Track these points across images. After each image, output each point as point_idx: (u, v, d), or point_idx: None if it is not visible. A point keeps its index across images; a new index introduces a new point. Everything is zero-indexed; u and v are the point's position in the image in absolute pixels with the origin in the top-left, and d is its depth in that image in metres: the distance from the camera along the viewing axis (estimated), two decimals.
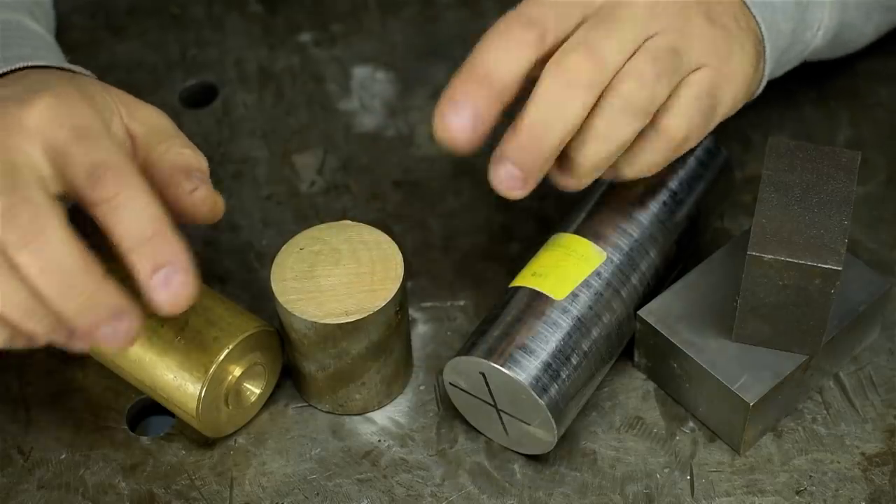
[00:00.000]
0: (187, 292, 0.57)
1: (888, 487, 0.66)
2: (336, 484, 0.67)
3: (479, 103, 0.59)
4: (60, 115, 0.58)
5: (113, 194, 0.56)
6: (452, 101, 0.59)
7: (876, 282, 0.68)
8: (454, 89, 0.60)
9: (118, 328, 0.56)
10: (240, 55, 0.88)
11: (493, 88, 0.60)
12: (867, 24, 0.77)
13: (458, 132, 0.59)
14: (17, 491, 0.67)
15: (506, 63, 0.60)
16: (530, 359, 0.64)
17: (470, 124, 0.59)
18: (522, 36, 0.60)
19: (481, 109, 0.59)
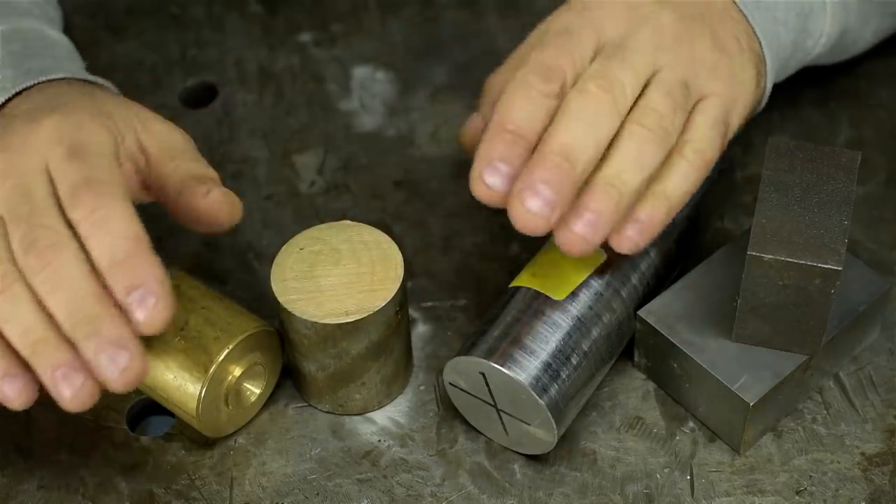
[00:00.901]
0: (162, 315, 0.57)
1: (888, 487, 0.66)
2: (336, 484, 0.67)
3: (515, 161, 0.60)
4: (62, 134, 0.59)
5: (89, 212, 0.57)
6: (489, 160, 0.60)
7: (876, 282, 0.68)
8: (489, 147, 0.60)
9: (118, 359, 0.56)
10: (240, 55, 0.88)
11: (526, 142, 0.60)
12: (865, 29, 0.77)
13: (497, 191, 0.60)
14: (17, 491, 0.67)
15: (533, 118, 0.61)
16: (530, 359, 0.64)
17: (508, 182, 0.60)
18: (545, 88, 0.61)
19: (516, 165, 0.60)
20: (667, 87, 0.62)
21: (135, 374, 0.57)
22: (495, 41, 0.87)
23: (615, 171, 0.60)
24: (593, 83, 0.61)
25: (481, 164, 0.60)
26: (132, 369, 0.57)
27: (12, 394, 0.58)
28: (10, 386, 0.58)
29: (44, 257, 0.57)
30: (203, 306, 0.67)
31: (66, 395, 0.57)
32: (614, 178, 0.60)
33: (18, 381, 0.58)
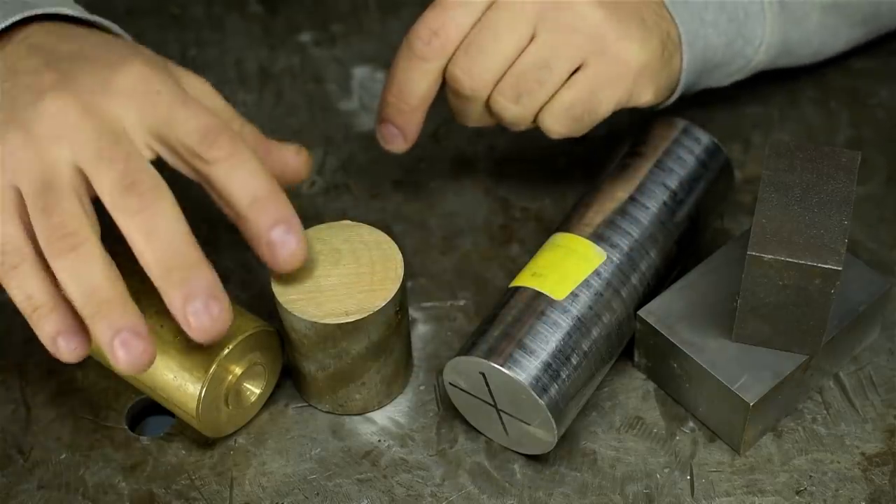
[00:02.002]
0: (301, 253, 0.59)
1: (888, 487, 0.66)
2: (336, 484, 0.67)
3: (402, 123, 0.70)
4: (154, 81, 0.59)
5: (228, 155, 0.58)
6: (385, 125, 0.71)
7: (876, 282, 0.68)
8: (382, 112, 0.70)
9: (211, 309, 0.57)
10: (240, 55, 0.88)
11: (410, 107, 0.69)
12: (835, 39, 0.78)
13: (395, 146, 0.72)
14: (17, 491, 0.67)
15: (415, 84, 0.68)
16: (530, 359, 0.64)
17: (402, 138, 0.71)
18: (425, 52, 0.67)
19: (404, 126, 0.70)
20: (518, 73, 0.67)
21: (223, 324, 0.57)
22: None
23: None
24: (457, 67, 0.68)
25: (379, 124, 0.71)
26: (222, 320, 0.57)
27: (66, 350, 0.58)
28: (66, 343, 0.58)
29: (144, 199, 0.56)
30: None
31: (122, 358, 0.57)
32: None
33: (74, 340, 0.58)
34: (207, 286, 0.57)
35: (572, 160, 0.80)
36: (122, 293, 0.57)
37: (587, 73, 0.67)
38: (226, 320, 0.58)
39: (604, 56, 0.67)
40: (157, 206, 0.57)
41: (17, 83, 0.59)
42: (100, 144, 0.57)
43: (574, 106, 0.67)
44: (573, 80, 0.67)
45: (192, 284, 0.57)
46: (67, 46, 0.61)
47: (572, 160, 0.80)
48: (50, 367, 0.72)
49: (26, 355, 0.72)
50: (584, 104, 0.67)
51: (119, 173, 0.56)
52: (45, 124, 0.57)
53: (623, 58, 0.67)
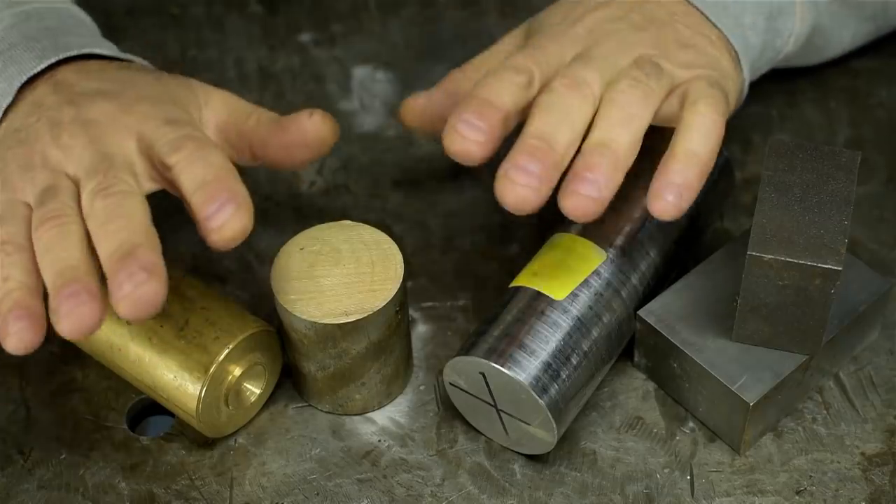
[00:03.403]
0: (239, 220, 0.59)
1: (888, 487, 0.66)
2: (336, 484, 0.67)
3: (488, 118, 0.62)
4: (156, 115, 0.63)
5: (188, 154, 0.61)
6: (463, 118, 0.62)
7: (876, 282, 0.69)
8: (462, 110, 0.62)
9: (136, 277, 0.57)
10: (240, 55, 0.88)
11: (498, 110, 0.62)
12: (843, 32, 0.78)
13: (472, 141, 0.62)
14: (17, 491, 0.67)
15: (505, 94, 0.63)
16: (530, 359, 0.64)
17: (483, 134, 0.62)
18: (516, 78, 0.64)
19: (490, 123, 0.62)
20: (636, 63, 0.65)
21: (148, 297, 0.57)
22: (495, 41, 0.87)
23: (602, 134, 0.62)
24: (558, 82, 0.63)
25: (455, 120, 0.62)
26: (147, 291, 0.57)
27: (14, 329, 0.58)
28: (15, 322, 0.58)
29: (110, 198, 0.60)
30: (203, 306, 0.67)
31: (63, 309, 0.57)
32: (603, 140, 0.62)
33: (25, 321, 0.58)
34: (142, 260, 0.57)
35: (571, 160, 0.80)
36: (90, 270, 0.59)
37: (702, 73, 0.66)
38: (152, 292, 0.57)
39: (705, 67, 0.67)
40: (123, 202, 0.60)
41: (41, 117, 0.65)
42: (91, 164, 0.62)
43: (712, 84, 0.65)
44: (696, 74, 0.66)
45: (127, 259, 0.57)
46: (90, 84, 0.66)
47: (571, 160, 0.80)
48: (50, 368, 0.72)
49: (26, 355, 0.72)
50: (719, 86, 0.66)
51: (96, 182, 0.61)
52: (57, 155, 0.63)
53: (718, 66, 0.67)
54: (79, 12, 0.74)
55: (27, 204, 0.62)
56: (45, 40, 0.68)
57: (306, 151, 0.66)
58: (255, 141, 0.66)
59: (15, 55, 0.67)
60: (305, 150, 0.66)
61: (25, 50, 0.67)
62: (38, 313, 0.59)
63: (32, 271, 0.60)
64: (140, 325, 0.66)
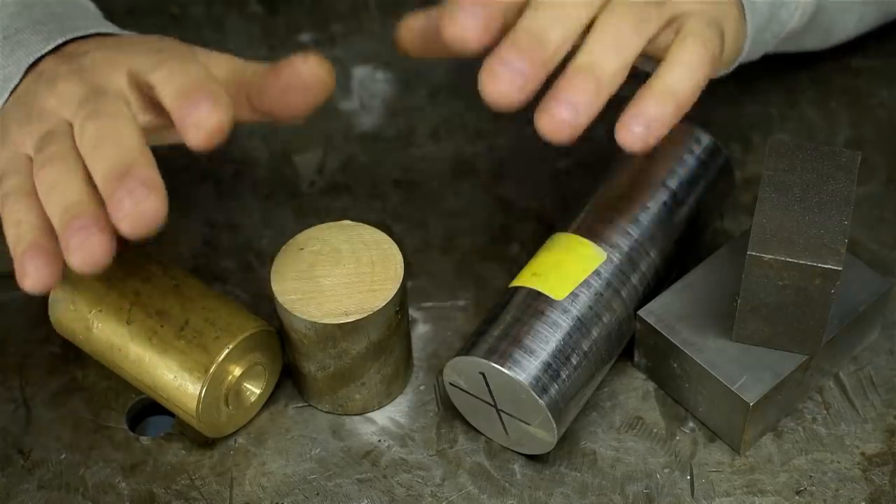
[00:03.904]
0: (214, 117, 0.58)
1: (888, 487, 0.66)
2: (336, 484, 0.67)
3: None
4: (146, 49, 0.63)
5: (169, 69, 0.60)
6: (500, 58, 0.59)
7: (876, 282, 0.68)
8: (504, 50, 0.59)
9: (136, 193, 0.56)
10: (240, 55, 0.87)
11: (545, 53, 0.59)
12: (848, 15, 0.77)
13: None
14: (17, 491, 0.67)
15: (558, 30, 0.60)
16: (530, 359, 0.64)
17: (520, 84, 0.59)
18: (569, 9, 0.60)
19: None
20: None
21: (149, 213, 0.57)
22: None
23: (590, 57, 0.60)
24: None
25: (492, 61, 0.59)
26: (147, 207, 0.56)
27: (31, 268, 0.58)
28: (32, 260, 0.59)
29: (100, 120, 0.60)
30: (203, 306, 0.67)
31: (74, 242, 0.57)
32: (590, 63, 0.60)
33: (40, 259, 0.59)
34: (139, 176, 0.57)
35: (572, 160, 0.81)
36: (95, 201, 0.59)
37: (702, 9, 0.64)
38: (153, 207, 0.57)
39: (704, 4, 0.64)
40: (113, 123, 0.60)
41: (39, 79, 0.65)
42: (85, 96, 0.62)
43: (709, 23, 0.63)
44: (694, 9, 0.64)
45: (124, 177, 0.57)
46: (89, 46, 0.66)
47: (572, 160, 0.81)
48: (50, 367, 0.72)
49: (26, 355, 0.72)
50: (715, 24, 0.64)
51: (88, 110, 0.61)
52: (52, 102, 0.63)
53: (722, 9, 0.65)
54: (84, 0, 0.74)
55: (28, 156, 0.63)
56: (51, 24, 0.68)
57: (302, 95, 0.63)
58: (252, 91, 0.64)
59: (22, 39, 0.68)
60: (302, 94, 0.63)
61: (33, 34, 0.68)
62: (52, 251, 0.59)
63: (41, 213, 0.60)
64: (140, 324, 0.66)
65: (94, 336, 0.67)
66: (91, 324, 0.67)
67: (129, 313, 0.67)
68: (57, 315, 0.69)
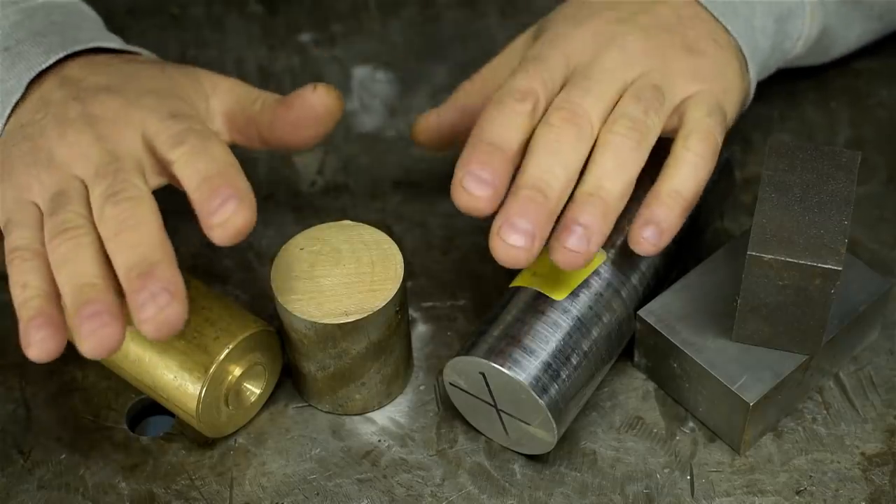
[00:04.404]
0: (241, 217, 0.59)
1: (888, 487, 0.66)
2: (336, 484, 0.67)
3: (494, 168, 0.62)
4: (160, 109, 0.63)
5: (190, 148, 0.61)
6: (469, 170, 0.62)
7: (876, 282, 0.68)
8: (468, 159, 0.62)
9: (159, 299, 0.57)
10: (240, 55, 0.88)
11: (503, 153, 0.62)
12: (850, 32, 0.78)
13: (479, 197, 0.62)
14: (17, 491, 0.67)
15: (508, 133, 0.63)
16: (530, 359, 0.64)
17: (490, 188, 0.62)
18: (519, 107, 0.64)
19: (497, 172, 0.62)
20: (636, 92, 0.65)
21: (172, 320, 0.57)
22: (495, 41, 0.87)
23: (595, 182, 0.63)
24: (556, 115, 0.63)
25: (461, 173, 0.62)
26: (170, 314, 0.57)
27: (36, 338, 0.59)
28: (37, 331, 0.59)
29: (122, 205, 0.60)
30: (203, 306, 0.67)
31: (85, 329, 0.57)
32: (595, 188, 0.62)
33: (47, 330, 0.59)
34: (163, 280, 0.57)
35: None
36: (109, 286, 0.59)
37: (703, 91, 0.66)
38: (175, 314, 0.57)
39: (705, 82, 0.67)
40: (134, 210, 0.59)
41: (47, 114, 0.65)
42: (100, 165, 0.62)
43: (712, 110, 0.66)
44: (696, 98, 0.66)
45: (148, 279, 0.57)
46: (96, 79, 0.66)
47: None
48: (50, 367, 0.72)
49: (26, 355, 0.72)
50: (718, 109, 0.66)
51: (106, 185, 0.61)
52: (64, 153, 0.63)
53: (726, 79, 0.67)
54: (84, 7, 0.74)
55: (36, 205, 0.62)
56: (52, 35, 0.68)
57: (314, 126, 0.65)
58: (262, 124, 0.66)
59: (23, 51, 0.68)
60: (313, 125, 0.65)
61: (33, 45, 0.68)
62: (58, 321, 0.59)
63: (49, 278, 0.60)
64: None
65: None
66: None
67: None
68: None
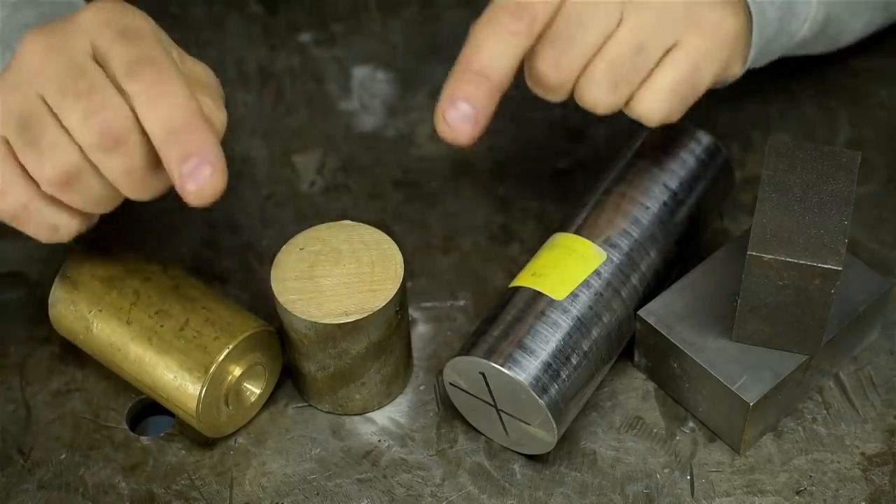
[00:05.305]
0: (214, 185, 0.57)
1: (888, 487, 0.66)
2: (336, 484, 0.67)
3: (480, 99, 0.60)
4: (110, 16, 0.59)
5: (149, 86, 0.57)
6: (452, 99, 0.61)
7: (876, 282, 0.68)
8: (453, 87, 0.61)
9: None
10: (240, 55, 0.88)
11: (492, 82, 0.61)
12: (855, 20, 0.77)
13: (460, 129, 0.61)
14: (17, 491, 0.67)
15: (501, 57, 0.61)
16: (530, 359, 0.64)
17: (472, 120, 0.61)
18: (513, 26, 0.61)
19: (482, 104, 0.60)
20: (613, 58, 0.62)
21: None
22: None
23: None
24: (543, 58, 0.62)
25: (446, 104, 0.61)
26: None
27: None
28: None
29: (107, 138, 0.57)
30: (203, 306, 0.67)
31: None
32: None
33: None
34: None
35: (572, 160, 0.81)
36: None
37: (687, 49, 0.64)
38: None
39: (701, 29, 0.64)
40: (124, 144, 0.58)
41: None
42: (60, 81, 0.58)
43: (678, 85, 0.64)
44: (673, 59, 0.64)
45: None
46: None
47: (572, 160, 0.81)
48: (50, 367, 0.72)
49: (26, 355, 0.72)
50: (688, 82, 0.64)
51: (81, 109, 0.58)
52: (17, 69, 0.59)
53: (720, 29, 0.64)
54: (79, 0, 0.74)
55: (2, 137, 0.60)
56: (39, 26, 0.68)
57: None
58: None
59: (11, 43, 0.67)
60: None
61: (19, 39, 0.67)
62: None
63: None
64: (140, 324, 0.66)
65: (94, 336, 0.67)
66: (91, 324, 0.67)
67: (129, 313, 0.67)
68: (57, 315, 0.69)
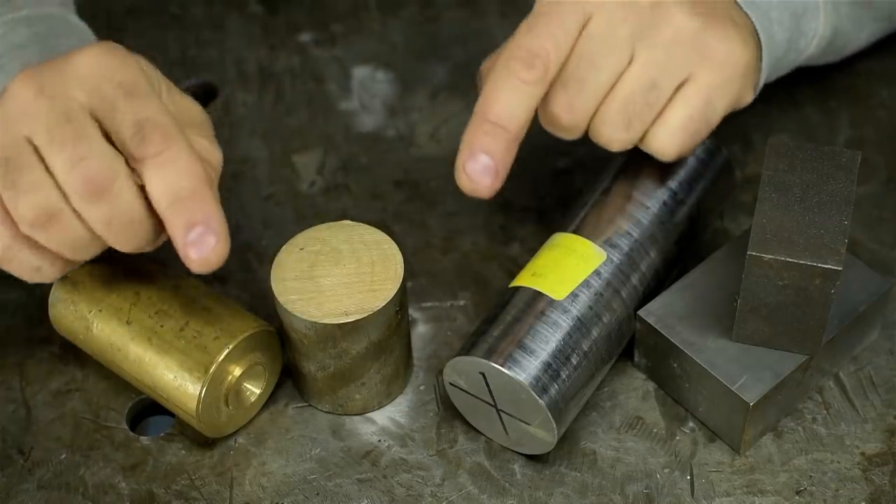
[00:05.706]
0: (217, 254, 0.58)
1: (888, 487, 0.66)
2: (336, 484, 0.67)
3: (498, 151, 0.61)
4: (109, 68, 0.59)
5: (157, 153, 0.58)
6: (472, 151, 0.61)
7: (876, 282, 0.68)
8: (471, 138, 0.61)
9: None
10: (240, 55, 0.88)
11: (509, 133, 0.61)
12: (860, 32, 0.77)
13: (481, 182, 0.61)
14: (17, 491, 0.67)
15: (516, 107, 0.61)
16: (530, 359, 0.64)
17: (492, 172, 0.61)
18: (527, 75, 0.61)
19: (500, 156, 0.61)
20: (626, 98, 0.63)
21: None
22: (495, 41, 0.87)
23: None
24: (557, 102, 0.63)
25: (465, 156, 0.61)
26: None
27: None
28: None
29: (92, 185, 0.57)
30: (203, 306, 0.67)
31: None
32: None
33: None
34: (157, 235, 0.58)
35: (572, 160, 0.81)
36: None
37: (698, 84, 0.64)
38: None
39: (711, 62, 0.64)
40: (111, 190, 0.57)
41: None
42: (49, 125, 0.58)
43: (691, 120, 0.64)
44: (685, 95, 0.64)
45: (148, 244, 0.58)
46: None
47: (572, 160, 0.81)
48: (50, 367, 0.72)
49: (26, 355, 0.72)
50: (701, 116, 0.64)
51: (67, 156, 0.57)
52: (6, 108, 0.59)
53: (730, 61, 0.64)
54: (74, 19, 0.74)
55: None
56: (32, 46, 0.68)
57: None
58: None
59: (3, 64, 0.68)
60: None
61: (11, 59, 0.67)
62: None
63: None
64: (140, 324, 0.66)
65: (94, 336, 0.67)
66: (91, 324, 0.67)
67: (129, 313, 0.67)
68: (57, 315, 0.69)
